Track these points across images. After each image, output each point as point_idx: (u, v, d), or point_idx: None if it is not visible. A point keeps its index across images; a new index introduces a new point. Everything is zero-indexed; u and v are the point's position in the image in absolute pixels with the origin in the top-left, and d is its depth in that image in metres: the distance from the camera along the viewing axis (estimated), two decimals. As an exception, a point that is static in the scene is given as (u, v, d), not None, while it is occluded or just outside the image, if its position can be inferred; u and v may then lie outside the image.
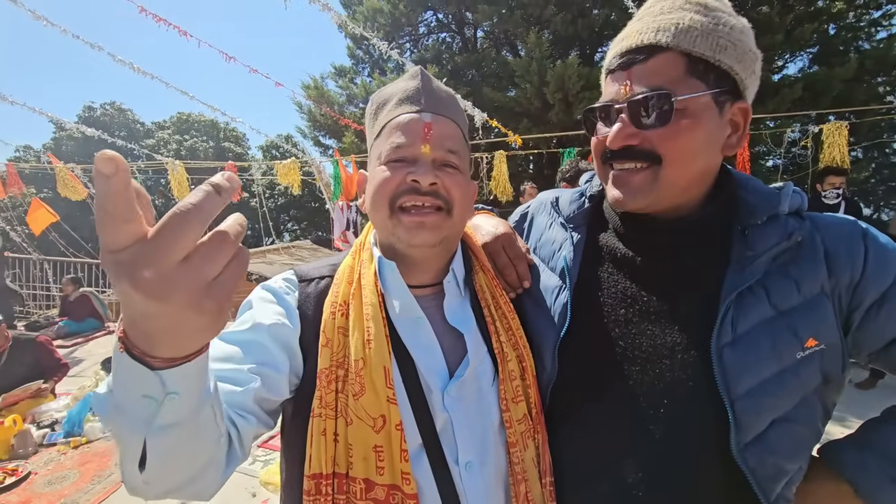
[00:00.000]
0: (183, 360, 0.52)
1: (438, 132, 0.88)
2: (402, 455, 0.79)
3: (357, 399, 0.80)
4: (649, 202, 0.86)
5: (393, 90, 0.94)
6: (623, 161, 0.86)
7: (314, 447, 0.80)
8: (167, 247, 0.42)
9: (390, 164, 0.88)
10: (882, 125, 10.97)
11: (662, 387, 0.84)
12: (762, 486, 0.80)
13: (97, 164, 0.39)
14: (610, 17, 12.13)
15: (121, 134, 25.49)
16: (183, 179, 8.83)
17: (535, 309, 1.00)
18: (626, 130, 0.83)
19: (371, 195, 0.90)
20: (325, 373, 0.82)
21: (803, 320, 0.81)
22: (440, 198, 0.87)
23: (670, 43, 0.80)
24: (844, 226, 0.87)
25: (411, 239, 0.86)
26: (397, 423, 0.80)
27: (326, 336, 0.85)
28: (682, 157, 0.83)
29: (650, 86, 0.81)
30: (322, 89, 14.55)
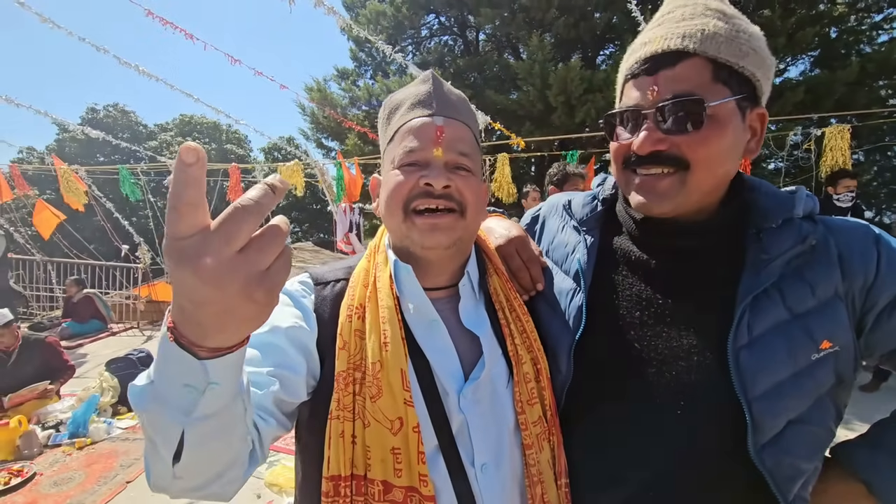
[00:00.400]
0: (227, 351, 0.54)
1: (450, 135, 0.89)
2: (420, 457, 0.80)
3: (374, 401, 0.81)
4: (675, 206, 0.86)
5: (404, 95, 0.95)
6: (649, 166, 0.86)
7: (332, 449, 0.81)
8: (228, 237, 0.45)
9: (403, 169, 0.88)
10: (884, 128, 10.99)
11: (679, 389, 0.84)
12: (780, 487, 0.80)
13: (181, 152, 0.43)
14: (612, 20, 12.17)
15: (124, 136, 25.57)
16: (186, 181, 8.83)
17: (549, 311, 1.01)
18: (655, 136, 0.83)
19: (385, 199, 0.91)
20: (342, 375, 0.83)
21: (818, 323, 0.81)
22: (453, 200, 0.87)
23: (697, 49, 0.80)
24: (857, 229, 0.88)
25: (425, 241, 0.87)
26: (414, 425, 0.80)
27: (343, 339, 0.86)
28: (709, 163, 0.83)
29: (678, 91, 0.81)
30: (325, 92, 14.61)
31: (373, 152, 11.27)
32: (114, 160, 23.97)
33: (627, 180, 0.91)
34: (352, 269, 0.97)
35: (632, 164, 0.88)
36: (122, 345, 7.47)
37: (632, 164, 0.88)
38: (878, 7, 11.31)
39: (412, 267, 0.90)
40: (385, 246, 0.97)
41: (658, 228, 0.93)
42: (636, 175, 0.88)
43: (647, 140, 0.83)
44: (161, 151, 23.86)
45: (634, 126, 0.86)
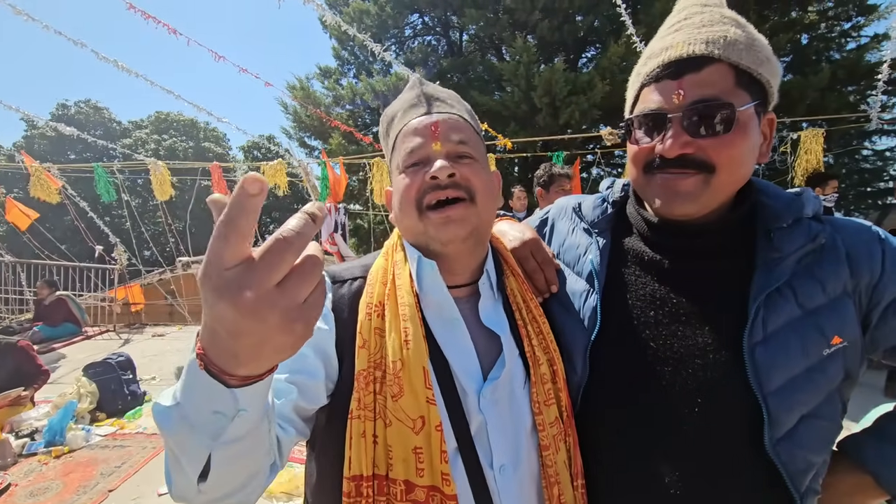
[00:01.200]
0: (257, 379, 0.53)
1: (445, 127, 0.91)
2: (442, 456, 0.79)
3: (396, 400, 0.80)
4: (699, 207, 0.87)
5: (397, 105, 0.98)
6: (674, 170, 0.87)
7: (353, 449, 0.80)
8: (270, 269, 0.44)
9: (408, 171, 0.90)
10: (852, 132, 11.41)
11: (695, 386, 0.86)
12: (794, 480, 0.83)
13: (245, 182, 0.42)
14: (594, 24, 12.34)
15: (96, 133, 24.83)
16: (165, 180, 8.62)
17: (564, 313, 1.02)
18: (683, 139, 0.84)
19: (398, 204, 0.92)
20: (362, 374, 0.82)
21: (829, 319, 0.84)
22: (460, 188, 0.88)
23: (722, 55, 0.82)
24: (862, 229, 0.91)
25: (441, 236, 0.87)
26: (437, 424, 0.80)
27: (363, 337, 0.85)
28: (734, 166, 0.85)
29: (704, 96, 0.82)
30: (308, 90, 14.43)
31: (357, 152, 11.19)
32: (86, 158, 23.26)
33: (648, 184, 0.92)
34: (368, 267, 0.97)
35: (655, 168, 0.89)
36: (98, 349, 7.24)
37: (655, 168, 0.89)
38: (847, 15, 11.74)
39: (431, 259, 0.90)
40: (404, 244, 0.96)
41: (671, 229, 0.95)
42: (656, 177, 0.89)
43: (674, 143, 0.84)
44: (136, 149, 23.22)
45: (657, 130, 0.87)
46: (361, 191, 12.35)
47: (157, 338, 8.37)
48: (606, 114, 11.02)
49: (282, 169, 8.11)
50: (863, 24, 11.76)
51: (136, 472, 3.70)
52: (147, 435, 4.38)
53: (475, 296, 0.95)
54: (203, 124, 31.90)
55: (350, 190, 13.00)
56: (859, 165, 13.27)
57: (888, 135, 12.23)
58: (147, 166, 8.69)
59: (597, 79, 10.55)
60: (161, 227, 15.75)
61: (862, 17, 11.69)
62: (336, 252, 7.76)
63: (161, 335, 8.54)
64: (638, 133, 0.91)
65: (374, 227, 12.99)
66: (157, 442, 4.20)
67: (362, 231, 14.87)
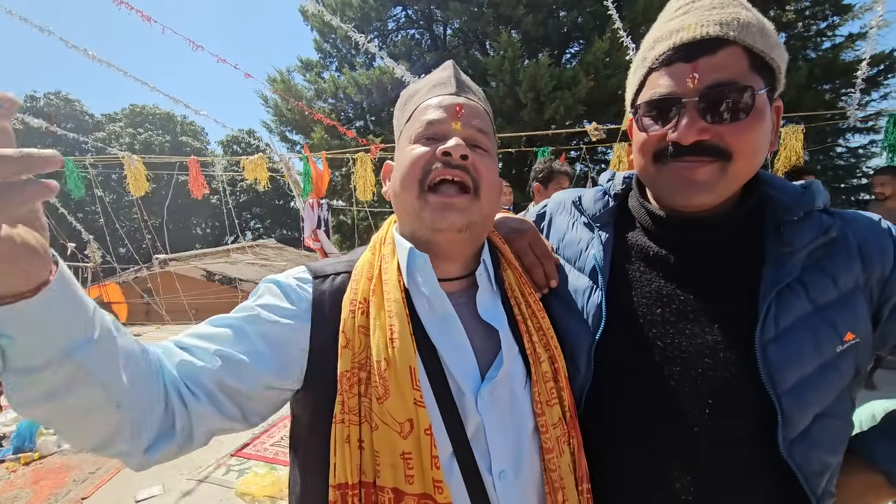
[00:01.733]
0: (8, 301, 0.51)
1: (469, 112, 0.89)
2: (434, 462, 0.74)
3: (381, 403, 0.76)
4: (715, 197, 0.83)
5: (424, 81, 0.96)
6: (689, 157, 0.82)
7: (338, 455, 0.75)
8: None
9: (422, 141, 0.87)
10: (827, 129, 11.69)
11: (706, 387, 0.82)
12: (809, 482, 0.80)
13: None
14: (578, 19, 12.37)
15: (67, 126, 24.02)
16: (141, 175, 8.34)
17: (565, 310, 0.97)
18: (699, 124, 0.79)
19: (400, 174, 0.87)
20: (346, 376, 0.77)
21: (841, 314, 0.81)
22: (469, 174, 0.84)
23: (736, 37, 0.78)
24: (873, 222, 0.88)
25: (437, 222, 0.83)
26: (426, 427, 0.75)
27: (346, 336, 0.80)
28: (751, 153, 0.81)
29: (721, 79, 0.78)
30: (289, 83, 14.18)
31: (340, 147, 11.03)
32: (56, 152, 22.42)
33: (658, 173, 0.87)
34: (353, 263, 0.91)
35: (668, 156, 0.84)
36: (70, 349, 6.98)
37: (668, 156, 0.84)
38: (823, 15, 11.99)
39: (423, 248, 0.86)
40: (393, 236, 0.91)
41: (677, 223, 0.91)
42: (669, 166, 0.84)
43: (690, 129, 0.79)
44: (109, 143, 22.55)
45: (668, 116, 0.82)
46: (345, 186, 12.19)
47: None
48: (591, 109, 11.06)
49: (262, 164, 7.92)
50: (838, 23, 12.03)
51: (112, 477, 3.57)
52: (123, 439, 4.23)
53: (472, 288, 0.90)
54: (180, 118, 31.18)
55: (333, 185, 12.83)
56: (834, 162, 13.61)
57: (861, 132, 12.55)
58: (121, 161, 8.40)
59: (581, 74, 10.58)
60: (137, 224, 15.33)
61: (837, 17, 11.96)
62: (319, 248, 7.62)
63: (138, 335, 8.28)
64: (646, 120, 0.86)
65: (358, 224, 12.86)
66: (133, 446, 4.06)
67: (346, 227, 14.72)
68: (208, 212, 27.48)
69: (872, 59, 5.93)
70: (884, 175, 4.95)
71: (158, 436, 0.70)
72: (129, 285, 10.38)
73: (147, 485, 3.44)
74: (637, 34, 7.39)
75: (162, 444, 0.70)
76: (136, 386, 0.65)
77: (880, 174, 5.00)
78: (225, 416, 0.77)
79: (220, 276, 11.22)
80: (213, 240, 27.94)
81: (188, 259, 12.25)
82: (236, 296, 9.62)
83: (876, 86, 11.73)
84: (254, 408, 0.81)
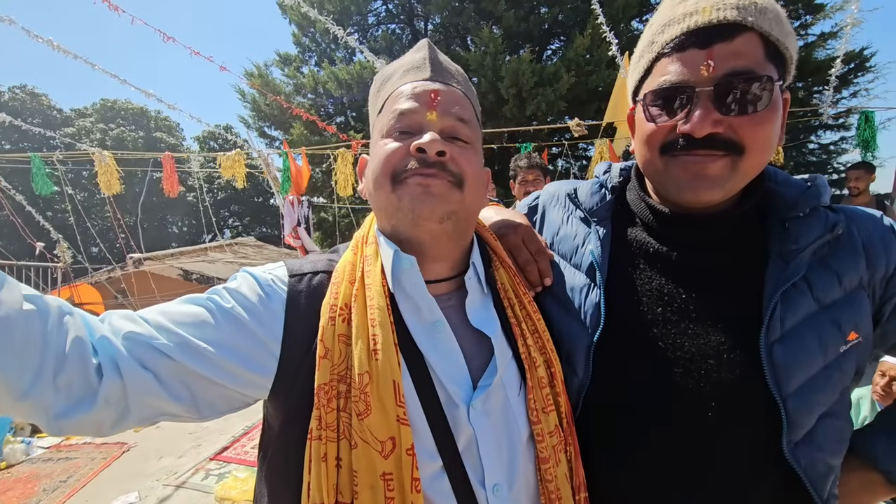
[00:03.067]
0: None
1: (447, 99, 0.80)
2: (414, 485, 0.69)
3: (362, 419, 0.70)
4: (725, 193, 0.79)
5: (398, 64, 0.87)
6: (700, 151, 0.77)
7: (313, 474, 0.70)
8: None
9: (394, 136, 0.80)
10: (799, 126, 11.99)
11: (709, 389, 0.79)
12: (815, 485, 0.78)
13: None
14: (558, 16, 12.41)
15: (34, 121, 23.14)
16: (112, 172, 8.05)
17: (561, 310, 0.93)
18: (713, 116, 0.74)
19: (372, 172, 0.81)
20: (324, 389, 0.71)
21: (845, 314, 0.79)
22: (447, 170, 0.77)
23: (754, 23, 0.73)
24: (876, 219, 0.86)
25: (416, 208, 0.76)
26: (408, 447, 0.70)
27: (325, 346, 0.73)
28: (763, 147, 0.77)
29: (737, 68, 0.73)
30: (266, 77, 13.89)
31: (320, 142, 10.84)
32: (23, 148, 21.58)
33: (666, 167, 0.82)
34: (335, 262, 0.84)
35: (677, 149, 0.78)
36: (39, 353, 6.72)
37: (677, 149, 0.78)
38: (797, 14, 12.25)
39: (404, 248, 0.80)
40: (376, 235, 0.84)
41: (679, 219, 0.87)
42: (678, 160, 0.79)
43: (704, 121, 0.74)
44: (80, 139, 21.78)
45: (678, 106, 0.77)
46: (325, 183, 12.00)
47: (106, 339, 7.86)
48: (572, 106, 11.12)
49: (240, 160, 7.73)
50: (811, 22, 12.32)
51: (84, 486, 3.44)
52: (96, 445, 4.09)
53: (461, 290, 0.85)
54: (154, 113, 30.25)
55: (314, 182, 12.62)
56: (806, 158, 13.99)
57: (833, 129, 12.92)
58: (92, 157, 8.09)
59: (563, 70, 10.61)
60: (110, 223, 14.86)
61: (810, 16, 12.25)
62: (300, 246, 7.48)
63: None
64: (654, 110, 0.80)
65: (339, 221, 12.69)
66: (107, 452, 3.92)
67: (326, 224, 14.52)
68: (185, 210, 26.82)
69: (844, 57, 6.07)
70: (857, 170, 5.08)
71: (74, 402, 0.63)
72: (102, 286, 10.05)
73: (122, 493, 3.31)
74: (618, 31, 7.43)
75: (77, 411, 0.63)
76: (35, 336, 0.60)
77: (854, 169, 5.13)
78: (171, 396, 0.70)
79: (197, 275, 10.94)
80: (190, 238, 27.31)
81: (164, 258, 11.92)
82: (215, 295, 9.37)
83: (847, 84, 12.09)
84: (207, 396, 0.73)
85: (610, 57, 5.68)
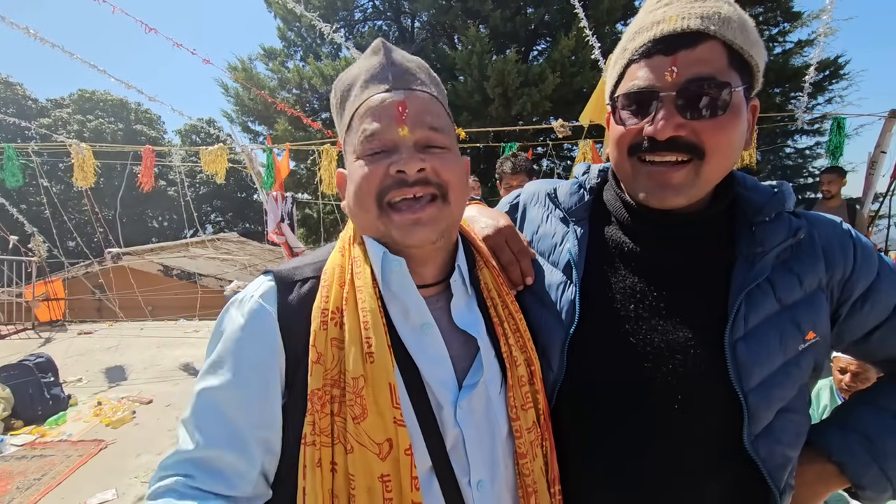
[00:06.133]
0: None
1: (416, 109, 0.78)
2: (413, 483, 0.71)
3: (358, 423, 0.71)
4: (688, 199, 0.83)
5: (356, 72, 0.84)
6: (664, 153, 0.81)
7: (308, 480, 0.71)
8: None
9: (367, 158, 0.77)
10: (777, 131, 12.31)
11: (676, 383, 0.82)
12: (773, 476, 0.82)
13: None
14: (545, 17, 12.49)
15: (9, 111, 22.41)
16: (89, 164, 7.85)
17: (538, 306, 0.96)
18: (676, 120, 0.78)
19: (353, 196, 0.80)
20: (317, 394, 0.72)
21: (805, 314, 0.83)
22: (431, 184, 0.77)
23: (717, 31, 0.77)
24: (835, 224, 0.91)
25: (408, 240, 0.77)
26: (406, 447, 0.71)
27: (317, 350, 0.74)
28: (725, 152, 0.81)
29: (699, 74, 0.77)
30: (250, 71, 13.69)
31: (305, 138, 10.74)
32: (-4, 138, 20.92)
33: (634, 170, 0.86)
34: (321, 266, 0.84)
35: (642, 150, 0.83)
36: (13, 350, 6.55)
37: (642, 150, 0.83)
38: (775, 21, 12.57)
39: None
40: (363, 236, 0.84)
41: (650, 219, 0.91)
42: (645, 164, 0.84)
43: (667, 124, 0.78)
44: (56, 130, 21.16)
45: (646, 109, 0.81)
46: (310, 179, 11.91)
47: (83, 336, 7.70)
48: (557, 106, 11.22)
49: (223, 154, 7.61)
50: (788, 29, 12.65)
51: (60, 483, 3.37)
52: (72, 442, 4.01)
53: (446, 293, 0.86)
54: (134, 105, 29.56)
55: (298, 178, 12.51)
56: (783, 162, 14.37)
57: (808, 134, 13.30)
58: (69, 149, 7.89)
59: (548, 71, 10.71)
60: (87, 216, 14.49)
61: (788, 24, 12.57)
62: (283, 242, 7.41)
63: (88, 333, 7.87)
64: (623, 113, 0.85)
65: (324, 217, 12.59)
66: (83, 450, 3.85)
67: (311, 221, 14.39)
68: (165, 204, 26.29)
69: (819, 64, 6.25)
70: (830, 174, 5.25)
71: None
72: (79, 280, 9.82)
73: (99, 489, 3.26)
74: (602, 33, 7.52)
75: None
76: None
77: (827, 173, 5.29)
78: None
79: (178, 270, 10.75)
80: (171, 233, 26.77)
81: (143, 253, 11.69)
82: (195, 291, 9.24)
83: (822, 90, 12.44)
84: None
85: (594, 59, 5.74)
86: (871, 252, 0.89)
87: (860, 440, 0.90)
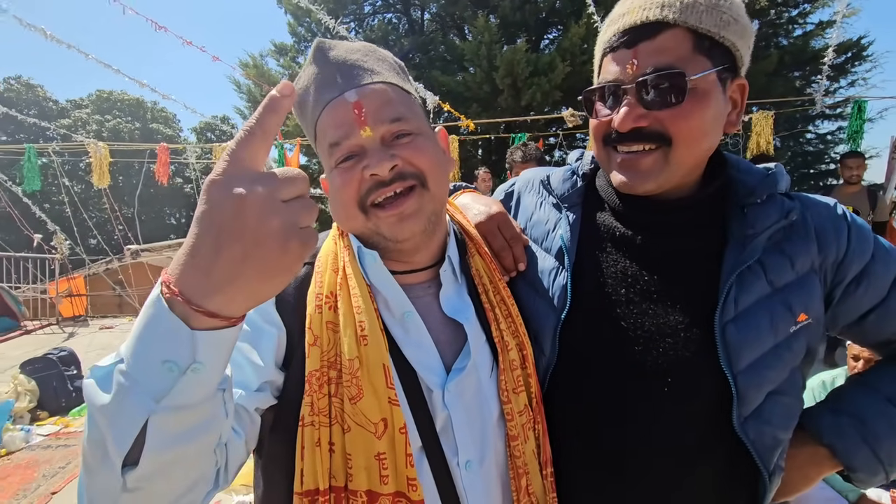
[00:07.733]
0: (223, 323, 0.49)
1: (372, 105, 0.77)
2: (408, 460, 0.73)
3: (355, 403, 0.73)
4: (658, 185, 0.84)
5: (305, 81, 0.83)
6: (630, 143, 0.83)
7: (306, 460, 0.72)
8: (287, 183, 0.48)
9: (340, 168, 0.78)
10: (797, 116, 11.97)
11: (666, 365, 0.83)
12: (762, 457, 0.82)
13: (280, 86, 0.49)
14: (555, 5, 12.32)
15: (30, 112, 22.98)
16: (105, 164, 8.02)
17: (531, 292, 0.97)
18: (636, 112, 0.80)
19: (337, 206, 0.82)
20: (315, 375, 0.74)
21: (796, 296, 0.83)
22: (407, 176, 0.78)
23: (677, 19, 0.77)
24: (829, 206, 0.90)
25: (397, 234, 0.79)
26: (401, 426, 0.73)
27: (314, 333, 0.76)
28: (692, 138, 0.81)
29: (659, 64, 0.78)
30: (262, 68, 13.80)
31: (316, 133, 10.80)
32: (19, 140, 21.43)
33: (609, 158, 0.88)
34: (316, 253, 0.86)
35: (612, 141, 0.86)
36: (38, 344, 6.78)
37: (612, 141, 0.86)
38: (795, 2, 12.20)
39: (385, 251, 0.82)
40: None
41: (641, 204, 0.91)
42: (617, 153, 0.86)
43: (627, 117, 0.80)
44: (76, 130, 21.63)
45: (614, 102, 0.84)
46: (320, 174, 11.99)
47: (105, 330, 7.92)
48: (567, 95, 11.08)
49: (236, 150, 7.72)
50: (808, 11, 12.26)
51: (83, 472, 3.49)
52: (95, 433, 4.14)
53: (437, 279, 0.88)
54: (150, 104, 30.09)
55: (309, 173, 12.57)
56: (803, 148, 13.98)
57: (830, 119, 12.90)
58: (87, 148, 8.08)
59: (558, 60, 10.56)
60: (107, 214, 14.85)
61: (808, 5, 12.19)
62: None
63: (109, 328, 8.09)
64: (598, 105, 0.88)
65: (337, 212, 12.66)
66: (106, 440, 3.98)
67: (323, 215, 14.46)
68: (182, 201, 26.77)
69: (840, 46, 6.06)
70: (857, 158, 5.06)
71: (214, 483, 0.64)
72: (100, 277, 10.08)
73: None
74: (613, 19, 7.38)
75: (213, 493, 0.65)
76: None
77: (853, 157, 5.11)
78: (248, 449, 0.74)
79: (195, 266, 10.96)
80: (187, 230, 27.26)
81: (161, 249, 11.93)
82: (212, 286, 9.39)
83: (844, 73, 12.04)
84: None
85: (604, 47, 5.62)
86: (867, 234, 0.89)
87: (852, 422, 0.90)
